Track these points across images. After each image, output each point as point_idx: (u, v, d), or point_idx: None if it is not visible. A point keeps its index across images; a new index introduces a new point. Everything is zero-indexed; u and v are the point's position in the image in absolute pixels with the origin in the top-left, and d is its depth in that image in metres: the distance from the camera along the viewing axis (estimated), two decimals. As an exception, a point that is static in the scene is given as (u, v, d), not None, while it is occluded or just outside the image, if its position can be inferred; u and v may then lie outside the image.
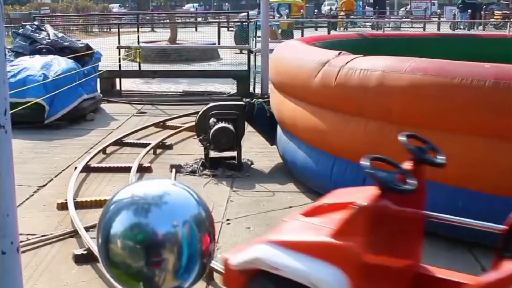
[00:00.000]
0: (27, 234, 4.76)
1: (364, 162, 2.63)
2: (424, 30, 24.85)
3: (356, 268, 2.50)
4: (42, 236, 4.78)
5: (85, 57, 10.24)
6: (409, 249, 3.04)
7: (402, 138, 2.97)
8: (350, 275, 2.48)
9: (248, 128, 7.15)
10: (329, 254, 2.50)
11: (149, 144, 7.44)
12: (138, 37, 13.31)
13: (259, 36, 11.98)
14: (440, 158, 2.99)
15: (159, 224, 1.11)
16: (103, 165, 6.80)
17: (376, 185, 2.59)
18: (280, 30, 22.35)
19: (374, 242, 2.58)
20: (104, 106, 10.62)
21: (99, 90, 10.83)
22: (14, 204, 1.58)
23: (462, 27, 28.28)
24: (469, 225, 3.23)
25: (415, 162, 2.93)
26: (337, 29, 28.11)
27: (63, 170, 6.71)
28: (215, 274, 3.88)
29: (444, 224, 3.27)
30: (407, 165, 2.92)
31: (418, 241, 3.14)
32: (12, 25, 15.34)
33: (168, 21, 20.40)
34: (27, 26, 10.86)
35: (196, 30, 22.06)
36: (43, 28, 10.90)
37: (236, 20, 23.09)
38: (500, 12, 32.98)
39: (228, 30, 23.57)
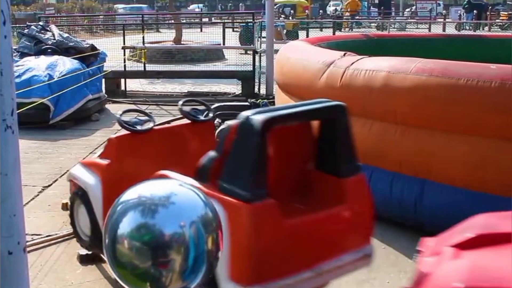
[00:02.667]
0: (32, 234, 4.77)
1: (119, 113, 4.01)
2: (430, 30, 24.81)
3: (105, 175, 3.87)
4: (47, 236, 4.80)
5: (90, 57, 10.26)
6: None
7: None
8: (102, 180, 3.88)
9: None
10: (94, 167, 4.00)
11: (154, 144, 7.44)
12: (143, 37, 13.33)
13: (264, 37, 11.98)
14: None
15: (166, 225, 1.11)
16: (108, 165, 6.80)
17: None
18: (285, 31, 22.34)
19: (129, 163, 3.88)
20: (109, 106, 10.63)
21: (104, 91, 10.84)
22: (21, 204, 1.58)
23: (467, 27, 28.21)
24: None
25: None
26: (342, 30, 28.07)
27: (68, 170, 6.72)
28: None
29: None
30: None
31: None
32: (17, 25, 15.37)
33: (173, 21, 20.40)
34: (32, 27, 10.89)
35: (201, 30, 22.07)
36: (48, 29, 10.92)
37: (241, 20, 23.11)
38: (506, 13, 32.94)
39: (233, 31, 23.58)
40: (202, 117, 4.18)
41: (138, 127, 3.99)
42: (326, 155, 3.33)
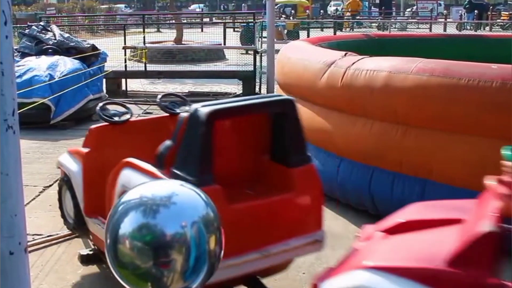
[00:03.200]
0: (33, 234, 4.77)
1: (99, 105, 4.34)
2: (431, 30, 24.80)
3: (85, 162, 4.09)
4: (48, 236, 4.80)
5: (91, 57, 10.26)
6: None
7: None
8: (83, 165, 4.10)
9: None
10: (77, 155, 4.21)
11: (155, 144, 7.44)
12: (144, 37, 13.33)
13: (264, 37, 11.98)
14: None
15: (167, 225, 1.11)
16: (109, 165, 6.80)
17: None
18: (286, 31, 22.33)
19: (107, 151, 4.08)
20: (110, 106, 10.61)
21: (105, 91, 10.84)
22: (22, 204, 1.58)
23: (468, 27, 28.19)
24: None
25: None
26: (343, 30, 28.06)
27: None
28: None
29: None
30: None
31: None
32: (18, 25, 15.37)
33: (174, 21, 20.40)
34: (33, 27, 10.89)
35: (202, 30, 22.07)
36: (49, 29, 10.92)
37: (242, 20, 23.10)
38: (507, 13, 32.93)
39: (234, 31, 23.58)
40: (178, 110, 4.36)
41: (116, 119, 4.24)
42: (278, 147, 3.55)
